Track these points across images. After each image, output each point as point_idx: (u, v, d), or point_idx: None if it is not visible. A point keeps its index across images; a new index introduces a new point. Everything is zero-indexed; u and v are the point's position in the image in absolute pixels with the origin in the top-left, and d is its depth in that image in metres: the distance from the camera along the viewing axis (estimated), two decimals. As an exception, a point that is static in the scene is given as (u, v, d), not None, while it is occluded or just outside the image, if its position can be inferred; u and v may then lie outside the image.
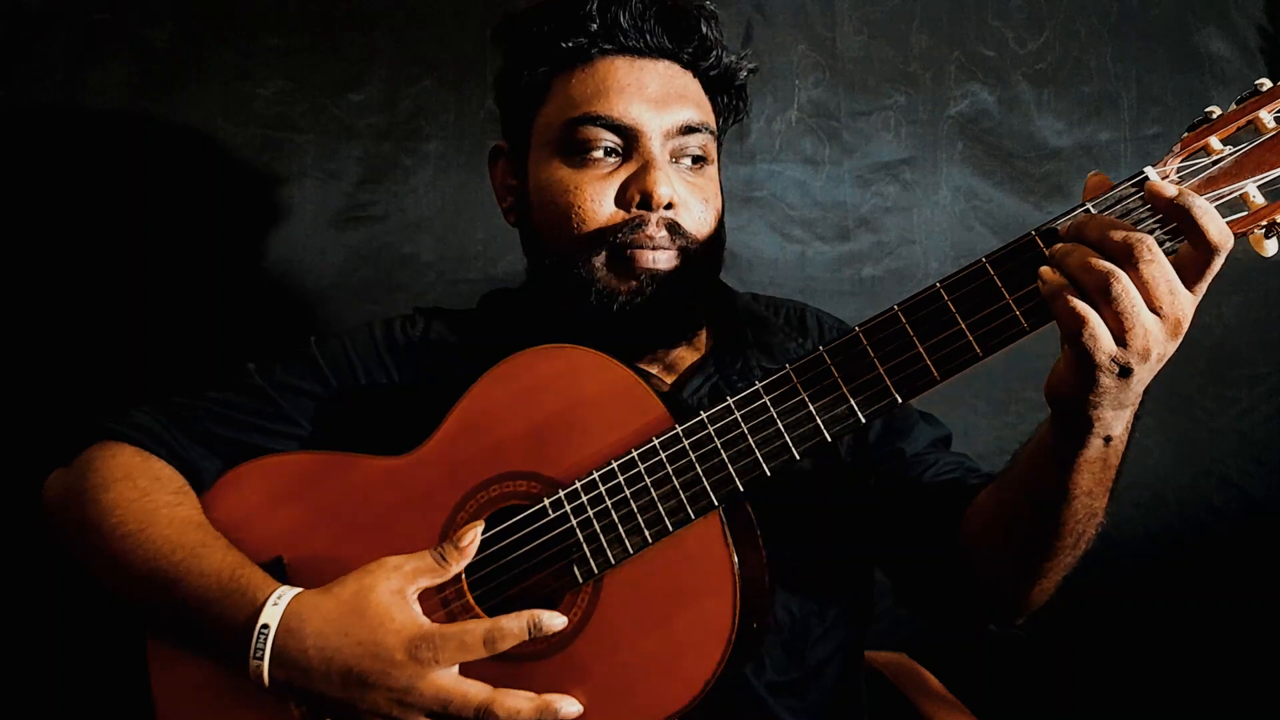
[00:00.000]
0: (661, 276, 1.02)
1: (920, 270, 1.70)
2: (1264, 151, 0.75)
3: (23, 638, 1.42)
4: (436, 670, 0.84)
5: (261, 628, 0.86)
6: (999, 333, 0.79)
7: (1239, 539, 1.72)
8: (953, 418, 1.59)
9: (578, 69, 1.05)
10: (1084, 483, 0.83)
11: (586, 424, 0.90)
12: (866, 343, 0.82)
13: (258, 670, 0.86)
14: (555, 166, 1.05)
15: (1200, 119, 0.77)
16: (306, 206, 1.55)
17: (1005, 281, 0.79)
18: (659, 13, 1.05)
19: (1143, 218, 0.76)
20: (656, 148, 1.03)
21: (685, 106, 1.05)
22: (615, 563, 0.87)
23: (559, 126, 1.04)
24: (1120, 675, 1.70)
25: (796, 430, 0.84)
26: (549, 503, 0.89)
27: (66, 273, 1.47)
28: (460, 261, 1.60)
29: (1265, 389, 1.73)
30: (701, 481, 0.85)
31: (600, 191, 1.02)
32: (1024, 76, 1.73)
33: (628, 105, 1.02)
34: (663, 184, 1.00)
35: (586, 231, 1.02)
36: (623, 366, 0.91)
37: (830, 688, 1.06)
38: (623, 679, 0.86)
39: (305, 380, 1.08)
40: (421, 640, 0.84)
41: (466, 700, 0.83)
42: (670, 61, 1.07)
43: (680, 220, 1.03)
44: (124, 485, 0.97)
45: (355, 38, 1.56)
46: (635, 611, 0.86)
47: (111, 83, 1.48)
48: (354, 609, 0.86)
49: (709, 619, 0.83)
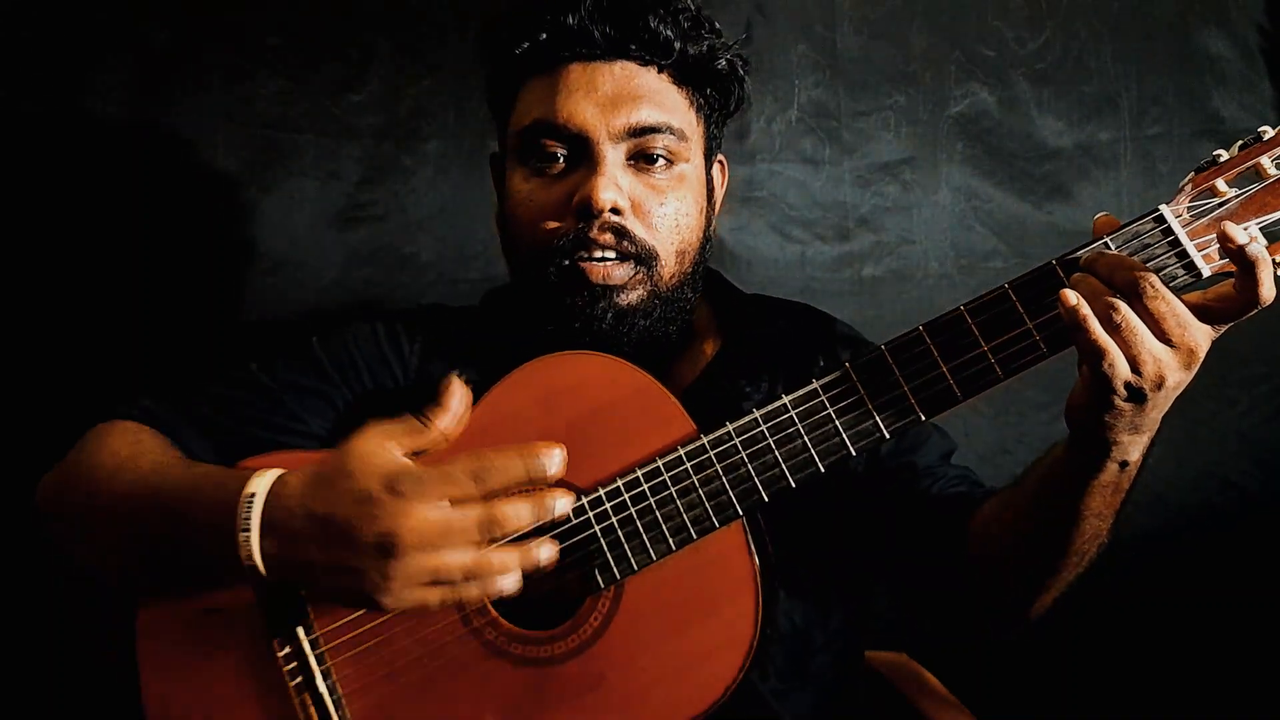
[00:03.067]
0: (616, 291, 1.00)
1: (920, 270, 1.70)
2: (1266, 195, 0.82)
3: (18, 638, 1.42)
4: (422, 504, 0.76)
5: (249, 496, 0.81)
6: (1019, 356, 0.83)
7: (1239, 539, 1.72)
8: (953, 418, 1.59)
9: (537, 78, 1.04)
10: (1095, 505, 0.86)
11: (609, 431, 0.90)
12: (892, 361, 0.85)
13: (247, 545, 0.80)
14: (516, 177, 1.05)
15: (1208, 161, 0.83)
16: (306, 206, 1.55)
17: (1026, 307, 0.83)
18: (604, 11, 1.00)
19: (1158, 253, 0.81)
20: (606, 151, 1.00)
21: (641, 106, 1.01)
22: (638, 569, 0.87)
23: (515, 135, 1.04)
24: (1120, 675, 1.70)
25: (822, 444, 0.86)
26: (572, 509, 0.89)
27: (67, 273, 1.47)
28: (460, 261, 1.60)
29: (1265, 389, 1.73)
30: (727, 491, 0.86)
31: (550, 200, 1.01)
32: (1024, 76, 1.73)
33: (574, 109, 1.00)
34: (604, 189, 0.98)
35: (540, 242, 1.01)
36: (644, 373, 0.91)
37: (831, 691, 1.06)
38: (643, 683, 0.86)
39: (308, 377, 1.07)
40: (401, 474, 0.77)
41: (464, 520, 0.76)
42: (627, 61, 1.02)
43: (630, 225, 1.00)
44: (123, 437, 0.96)
45: (355, 38, 1.56)
46: (656, 617, 0.87)
47: (111, 83, 1.48)
48: (336, 466, 0.80)
49: (730, 625, 0.85)
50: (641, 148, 1.02)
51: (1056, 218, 1.72)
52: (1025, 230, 1.72)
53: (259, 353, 1.11)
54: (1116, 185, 1.73)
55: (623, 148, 1.01)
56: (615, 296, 1.00)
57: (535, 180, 1.03)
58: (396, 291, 1.57)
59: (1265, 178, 0.82)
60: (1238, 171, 0.82)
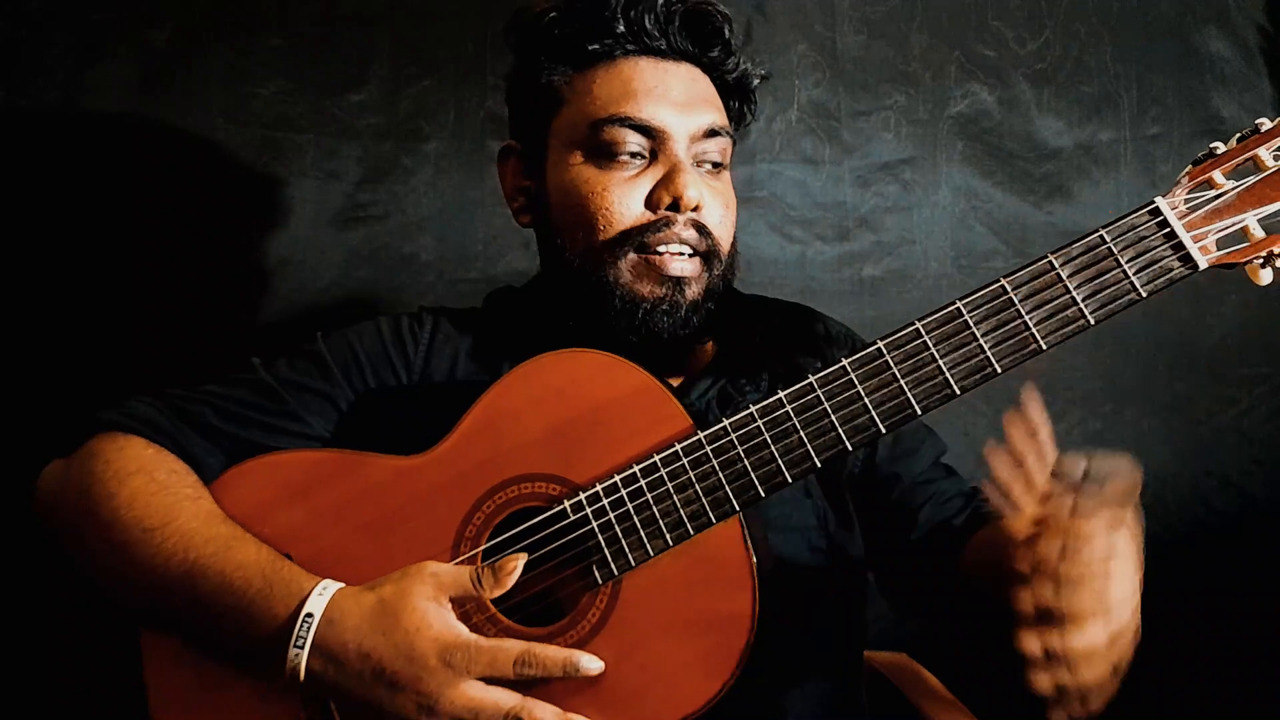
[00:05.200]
0: (686, 284, 1.02)
1: (920, 270, 1.70)
2: (1264, 187, 0.82)
3: (18, 636, 1.42)
4: (466, 680, 0.84)
5: (306, 615, 0.85)
6: (1015, 349, 0.84)
7: (1239, 539, 1.72)
8: (953, 417, 1.60)
9: (600, 69, 1.05)
10: None
11: (607, 428, 0.90)
12: (888, 355, 0.85)
13: (295, 660, 0.85)
14: (580, 168, 1.04)
15: (1205, 154, 0.83)
16: (306, 206, 1.55)
17: (1023, 301, 0.83)
18: (683, 16, 1.05)
19: (1154, 244, 0.82)
20: (682, 150, 1.03)
21: (708, 110, 1.06)
22: (635, 564, 0.87)
23: (584, 127, 1.04)
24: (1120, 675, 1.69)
25: (819, 439, 0.86)
26: (569, 504, 0.89)
27: (66, 272, 1.47)
28: (460, 261, 1.60)
29: (1265, 389, 1.73)
30: (724, 487, 0.86)
31: (628, 193, 1.02)
32: (1024, 76, 1.73)
33: (655, 108, 1.02)
34: (691, 186, 1.01)
35: (614, 233, 1.02)
36: (644, 371, 0.91)
37: (830, 694, 1.06)
38: (640, 679, 0.86)
39: (311, 377, 1.06)
40: (456, 648, 0.84)
41: (496, 708, 0.83)
42: (691, 65, 1.07)
43: (706, 221, 1.04)
44: (141, 478, 0.95)
45: (355, 38, 1.56)
46: (654, 613, 0.87)
47: (111, 83, 1.48)
48: (393, 610, 0.85)
49: (728, 621, 0.85)
50: (705, 150, 1.05)
51: (1056, 218, 1.72)
52: (1025, 230, 1.72)
53: (257, 354, 1.11)
54: (1116, 185, 1.73)
55: (693, 149, 1.04)
56: (685, 289, 1.02)
57: (608, 172, 1.03)
58: (396, 291, 1.57)
59: (1263, 169, 0.82)
60: (1236, 164, 0.82)
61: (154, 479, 0.95)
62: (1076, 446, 1.73)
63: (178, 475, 0.97)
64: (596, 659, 0.86)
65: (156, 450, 0.99)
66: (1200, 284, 1.70)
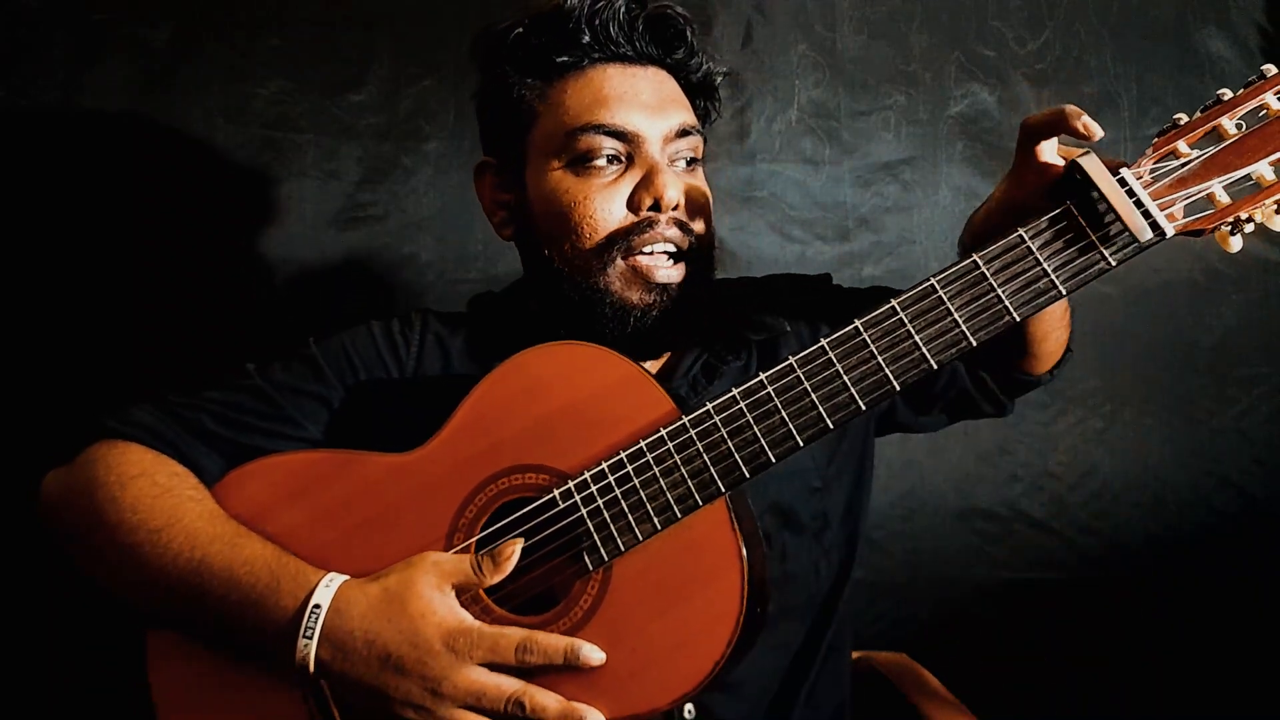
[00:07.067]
0: (673, 289, 1.05)
1: (920, 270, 1.70)
2: (1228, 155, 0.83)
3: (21, 636, 1.42)
4: (470, 665, 0.86)
5: (314, 607, 0.88)
6: (989, 322, 0.85)
7: (1239, 539, 1.72)
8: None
9: (570, 79, 1.07)
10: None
11: (593, 417, 0.92)
12: (865, 334, 0.87)
13: (305, 651, 0.87)
14: (559, 177, 1.06)
15: (1169, 125, 0.85)
16: (306, 206, 1.55)
17: (995, 274, 0.85)
18: (647, 21, 1.07)
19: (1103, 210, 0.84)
20: (657, 152, 1.05)
21: (679, 111, 1.08)
22: (625, 550, 0.89)
23: (560, 137, 1.05)
24: (1120, 675, 1.70)
25: (800, 418, 0.87)
26: (558, 493, 0.91)
27: (66, 272, 1.47)
28: (460, 261, 1.60)
29: (1265, 389, 1.73)
30: (709, 469, 0.88)
31: (609, 198, 1.04)
32: (1024, 76, 1.73)
33: (628, 113, 1.04)
34: (671, 187, 1.03)
35: (600, 238, 1.04)
36: (627, 360, 0.93)
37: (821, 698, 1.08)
38: (633, 663, 0.87)
39: (306, 381, 1.08)
40: (460, 634, 0.87)
41: (499, 691, 0.86)
42: (657, 68, 1.10)
43: (687, 219, 1.06)
44: (143, 481, 0.97)
45: (355, 38, 1.56)
46: (645, 597, 0.88)
47: (111, 83, 1.48)
48: (398, 598, 0.88)
49: (717, 603, 0.86)
50: (679, 149, 1.07)
51: (1056, 218, 1.72)
52: (1025, 230, 1.72)
53: (256, 355, 1.11)
54: (1116, 185, 1.73)
55: (668, 149, 1.06)
56: (672, 294, 1.05)
57: (588, 179, 1.05)
58: (396, 291, 1.58)
59: (1226, 138, 0.83)
60: (1201, 133, 0.83)
61: (156, 482, 0.97)
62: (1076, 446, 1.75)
63: (179, 478, 0.99)
64: (599, 650, 0.87)
65: (156, 455, 1.01)
66: (1200, 284, 1.72)
